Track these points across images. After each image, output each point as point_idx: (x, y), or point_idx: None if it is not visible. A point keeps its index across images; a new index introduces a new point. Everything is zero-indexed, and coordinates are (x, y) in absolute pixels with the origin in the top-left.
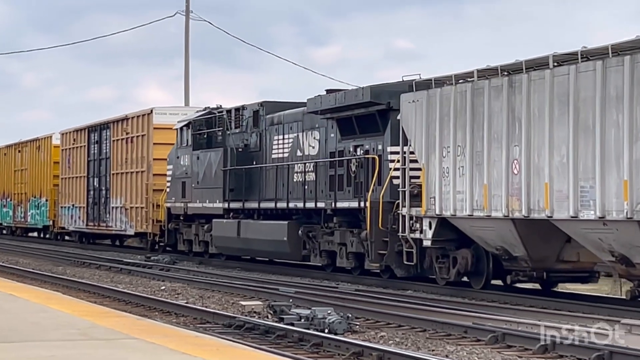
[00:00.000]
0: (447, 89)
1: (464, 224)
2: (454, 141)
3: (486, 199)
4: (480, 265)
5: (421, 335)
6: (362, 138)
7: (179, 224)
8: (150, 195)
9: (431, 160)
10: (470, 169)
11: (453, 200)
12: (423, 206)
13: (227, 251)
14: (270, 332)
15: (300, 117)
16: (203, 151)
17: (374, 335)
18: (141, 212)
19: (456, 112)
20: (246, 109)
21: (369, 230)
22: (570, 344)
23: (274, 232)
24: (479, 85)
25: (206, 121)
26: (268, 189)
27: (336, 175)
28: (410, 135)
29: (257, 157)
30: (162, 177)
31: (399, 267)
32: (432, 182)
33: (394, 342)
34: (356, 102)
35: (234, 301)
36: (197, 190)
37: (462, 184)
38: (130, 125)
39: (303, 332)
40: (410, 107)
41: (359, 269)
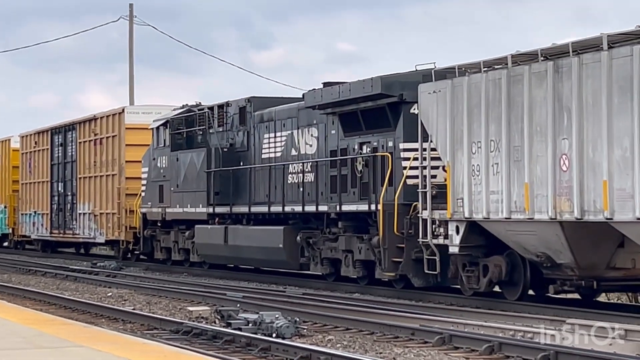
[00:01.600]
0: (476, 77)
1: (498, 228)
2: (486, 135)
3: (527, 199)
4: (516, 274)
5: (369, 338)
6: (369, 134)
7: (155, 231)
8: (123, 200)
9: (458, 157)
10: (506, 166)
11: (486, 201)
12: (449, 208)
13: (212, 259)
14: (217, 338)
15: (295, 113)
16: (183, 152)
17: (322, 338)
18: (112, 218)
19: (488, 103)
20: (231, 106)
21: (382, 236)
22: (517, 345)
23: (268, 239)
24: (517, 72)
25: (186, 120)
26: (259, 192)
27: (339, 175)
28: (431, 130)
29: (244, 158)
30: (136, 181)
31: (417, 276)
32: (459, 181)
33: (342, 346)
34: (364, 95)
35: (181, 307)
36: (177, 194)
37: (496, 183)
38: (99, 125)
39: (251, 337)
40: (430, 99)
41: (367, 279)
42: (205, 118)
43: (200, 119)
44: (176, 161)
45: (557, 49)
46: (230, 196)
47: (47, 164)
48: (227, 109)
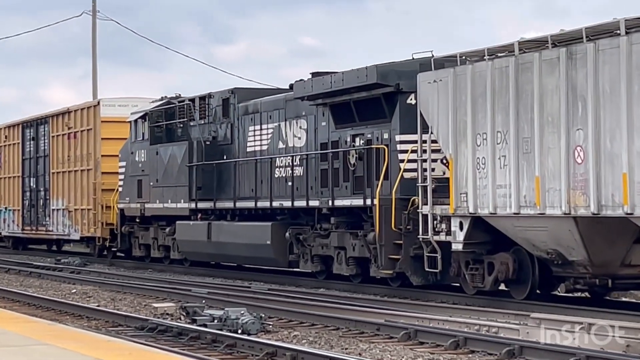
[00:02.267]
0: (481, 65)
1: (505, 224)
2: (492, 126)
3: (538, 193)
4: (523, 272)
5: (334, 334)
6: (362, 126)
7: (133, 227)
8: (99, 195)
9: (461, 149)
10: (515, 159)
11: (492, 195)
12: (451, 203)
13: (194, 257)
14: (183, 334)
15: (282, 105)
16: (163, 145)
17: (288, 334)
18: (88, 214)
19: (494, 92)
20: (213, 97)
21: (378, 232)
22: (482, 339)
23: (254, 235)
24: (525, 59)
25: (165, 112)
26: (244, 187)
27: (330, 169)
28: (431, 121)
29: (228, 151)
30: (113, 176)
31: (415, 274)
32: (462, 175)
33: (308, 342)
34: (358, 85)
35: (146, 303)
36: (157, 189)
37: (504, 176)
38: (73, 119)
39: (216, 334)
40: (430, 89)
41: (361, 277)
42: (186, 110)
43: (180, 111)
44: (156, 155)
45: (568, 35)
46: (214, 191)
47: (18, 158)
48: (209, 100)
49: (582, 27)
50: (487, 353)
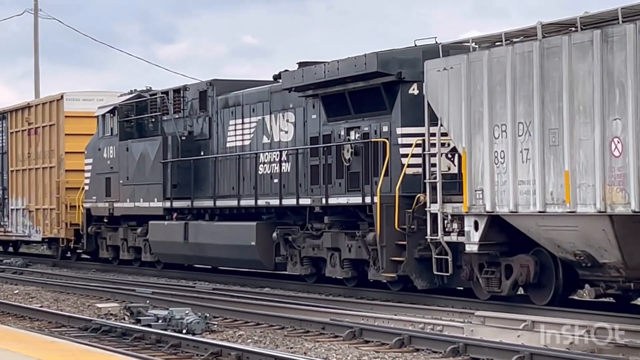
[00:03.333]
0: (499, 51)
1: (528, 224)
2: (512, 117)
3: (568, 190)
4: (545, 275)
5: (279, 333)
6: (358, 118)
7: (101, 228)
8: (63, 194)
9: (476, 142)
10: (540, 152)
11: (513, 192)
12: (465, 201)
13: (169, 259)
14: (127, 335)
15: (267, 97)
16: (134, 141)
17: (233, 334)
18: (51, 214)
19: (515, 80)
20: (189, 90)
21: (379, 232)
22: (426, 338)
23: (238, 236)
24: (552, 43)
25: (136, 106)
26: (223, 184)
27: (320, 165)
28: (440, 112)
29: (205, 147)
30: (78, 174)
31: (420, 277)
32: (477, 170)
33: (253, 341)
34: (355, 74)
35: (90, 304)
36: (127, 187)
37: (527, 171)
38: (34, 114)
39: (160, 334)
40: (439, 77)
41: (355, 280)
42: (159, 104)
43: (152, 105)
44: (126, 151)
45: (598, 16)
46: (191, 189)
47: None
48: (184, 93)
49: (618, 8)
50: (431, 351)
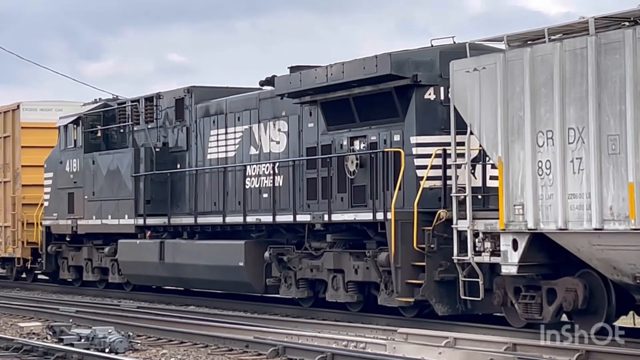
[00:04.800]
0: (544, 48)
1: (579, 242)
2: (561, 122)
3: (633, 204)
4: (596, 300)
5: (203, 351)
6: (364, 127)
7: (62, 247)
8: (19, 211)
9: (514, 151)
10: (596, 162)
11: (562, 207)
12: (501, 217)
13: (141, 280)
14: (49, 354)
15: (255, 104)
16: (102, 153)
17: (156, 353)
18: (5, 232)
19: (564, 81)
20: (163, 98)
21: (394, 252)
22: (349, 355)
23: (223, 256)
24: (612, 38)
25: (103, 115)
26: (204, 200)
27: (319, 178)
28: (470, 118)
29: (182, 159)
30: (37, 189)
31: (441, 302)
32: (517, 182)
33: (175, 359)
34: (363, 77)
35: (12, 322)
36: (93, 202)
37: (579, 183)
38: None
39: (83, 353)
40: (469, 79)
41: (361, 305)
42: (129, 113)
43: (121, 114)
44: (92, 164)
45: None
46: (168, 205)
47: None
48: (157, 101)
49: None
50: None
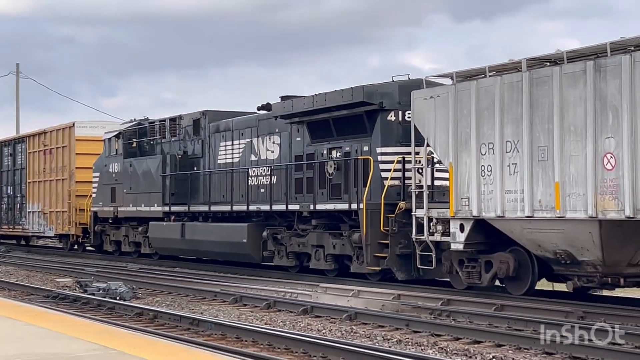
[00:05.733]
0: (487, 81)
1: (513, 227)
2: (500, 137)
3: (558, 198)
4: (522, 270)
5: (185, 299)
6: (340, 140)
7: (105, 227)
8: (73, 200)
9: (462, 158)
10: (529, 166)
11: (500, 200)
12: (451, 207)
13: (166, 252)
14: (77, 300)
15: (255, 123)
16: (137, 159)
17: (152, 300)
18: (62, 215)
19: (503, 105)
20: (183, 119)
21: (365, 233)
22: (286, 302)
23: (231, 234)
24: (542, 74)
25: (138, 131)
26: (215, 193)
27: (305, 177)
28: (427, 134)
29: (197, 163)
30: (86, 184)
31: (400, 270)
32: (463, 181)
33: (165, 304)
34: (341, 103)
35: (51, 279)
36: (130, 195)
37: (514, 182)
38: (49, 138)
39: (101, 300)
40: (426, 104)
41: (336, 271)
42: (158, 129)
43: (151, 131)
44: (129, 167)
45: (588, 50)
46: (189, 197)
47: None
48: (179, 121)
49: (607, 43)
50: (289, 311)
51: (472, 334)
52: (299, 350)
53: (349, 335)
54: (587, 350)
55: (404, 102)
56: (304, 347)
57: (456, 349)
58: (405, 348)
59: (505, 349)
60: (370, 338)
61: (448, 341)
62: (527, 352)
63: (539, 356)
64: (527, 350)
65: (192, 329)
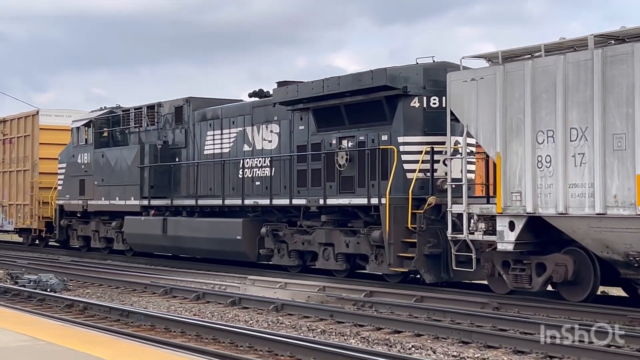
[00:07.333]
0: (546, 60)
1: (577, 225)
2: (563, 123)
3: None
4: (582, 273)
5: (115, 291)
6: (353, 129)
7: (72, 221)
8: (36, 192)
9: (512, 148)
10: (600, 156)
11: (563, 195)
12: (499, 202)
13: (145, 248)
14: (8, 292)
15: (248, 110)
16: (110, 149)
17: (82, 291)
18: (24, 208)
19: (567, 88)
20: (163, 106)
21: (388, 231)
22: (214, 294)
23: (223, 230)
24: (619, 51)
25: (111, 119)
26: (201, 186)
27: (309, 170)
28: (467, 120)
29: (180, 154)
30: (50, 176)
31: (428, 272)
32: (514, 173)
33: (96, 296)
34: (357, 88)
35: None
36: (102, 187)
37: (581, 175)
38: (9, 127)
39: (31, 292)
40: (466, 88)
41: (347, 272)
42: (133, 117)
43: (125, 119)
44: (101, 157)
45: None
46: (171, 190)
47: None
48: (158, 109)
49: None
50: (218, 303)
51: (393, 324)
52: (226, 340)
53: (275, 325)
54: (501, 340)
55: (429, 87)
56: (231, 338)
57: (378, 339)
58: (329, 338)
59: (424, 339)
60: (295, 328)
61: (370, 331)
62: (444, 341)
63: (455, 345)
64: (445, 339)
65: (122, 320)
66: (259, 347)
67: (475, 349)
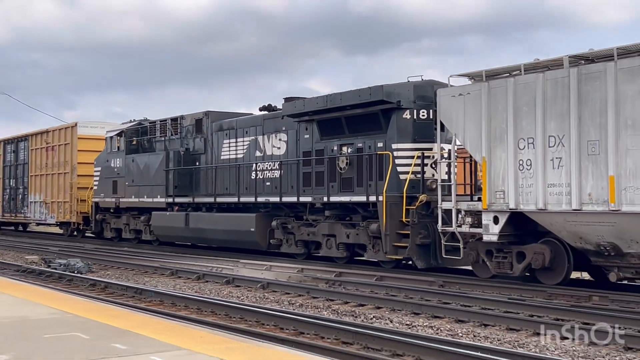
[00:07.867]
0: (526, 78)
1: (554, 219)
2: (543, 131)
3: (613, 191)
4: (557, 260)
5: (131, 273)
6: (351, 137)
7: (106, 215)
8: (75, 191)
9: (496, 153)
10: (576, 160)
11: (543, 193)
12: (484, 200)
13: (169, 239)
14: (42, 274)
15: (260, 122)
16: (139, 155)
17: (104, 273)
18: (64, 205)
19: (545, 101)
20: (185, 119)
21: (385, 223)
22: (213, 274)
23: (239, 223)
24: (592, 70)
25: (139, 130)
26: (218, 186)
27: (313, 172)
28: (455, 129)
29: (199, 159)
30: (87, 178)
31: (420, 259)
32: (498, 175)
33: (115, 277)
34: (357, 102)
35: (21, 256)
36: (132, 187)
37: (559, 176)
38: (51, 136)
39: (61, 273)
40: (454, 102)
41: (346, 259)
42: (159, 128)
43: (152, 129)
44: (132, 162)
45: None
46: (192, 189)
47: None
48: (181, 121)
49: None
50: (215, 282)
51: (358, 299)
52: (222, 313)
53: (261, 300)
54: (445, 312)
55: (418, 101)
56: (226, 311)
57: (345, 311)
58: (306, 310)
59: (383, 311)
60: (278, 303)
61: (339, 305)
62: (399, 312)
63: (408, 316)
64: (400, 311)
65: (136, 296)
66: (249, 318)
67: (424, 318)
